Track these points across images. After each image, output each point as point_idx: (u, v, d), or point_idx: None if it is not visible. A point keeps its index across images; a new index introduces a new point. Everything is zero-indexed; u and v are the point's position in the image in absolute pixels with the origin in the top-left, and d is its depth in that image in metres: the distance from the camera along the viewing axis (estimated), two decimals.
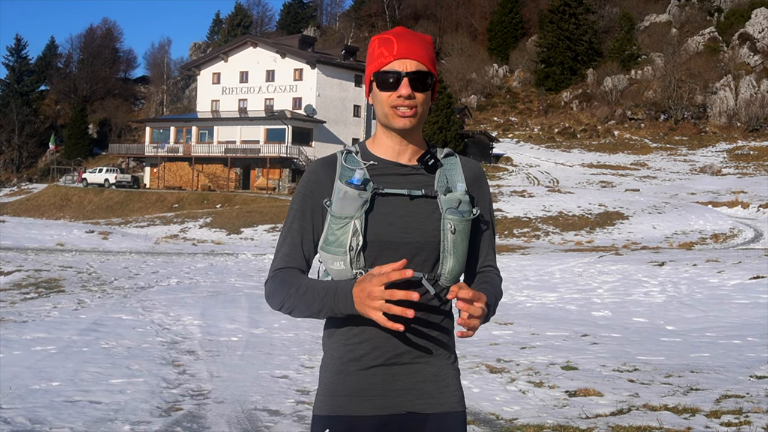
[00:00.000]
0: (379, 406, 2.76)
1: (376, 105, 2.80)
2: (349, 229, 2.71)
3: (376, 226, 2.71)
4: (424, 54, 2.77)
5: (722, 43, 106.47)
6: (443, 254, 2.76)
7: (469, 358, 11.29)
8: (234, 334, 13.17)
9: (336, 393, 2.78)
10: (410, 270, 2.49)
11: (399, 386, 2.77)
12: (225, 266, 26.12)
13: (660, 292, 19.24)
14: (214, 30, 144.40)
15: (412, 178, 2.81)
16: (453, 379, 2.86)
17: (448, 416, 2.81)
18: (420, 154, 2.87)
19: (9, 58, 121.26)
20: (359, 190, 2.72)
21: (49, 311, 14.97)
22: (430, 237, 2.75)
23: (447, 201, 2.77)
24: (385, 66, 2.75)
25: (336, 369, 2.80)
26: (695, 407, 8.14)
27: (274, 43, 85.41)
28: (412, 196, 2.77)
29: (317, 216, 2.80)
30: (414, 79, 2.73)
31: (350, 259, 2.71)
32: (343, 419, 2.76)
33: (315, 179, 2.83)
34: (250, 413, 8.03)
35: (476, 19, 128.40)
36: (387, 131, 2.83)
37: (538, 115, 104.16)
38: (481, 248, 2.94)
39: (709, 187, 62.51)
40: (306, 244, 2.82)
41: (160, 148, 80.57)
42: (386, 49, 2.77)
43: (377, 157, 2.84)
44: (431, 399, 2.80)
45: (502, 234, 42.35)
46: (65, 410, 7.85)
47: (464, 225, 2.78)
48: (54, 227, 36.74)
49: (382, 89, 2.76)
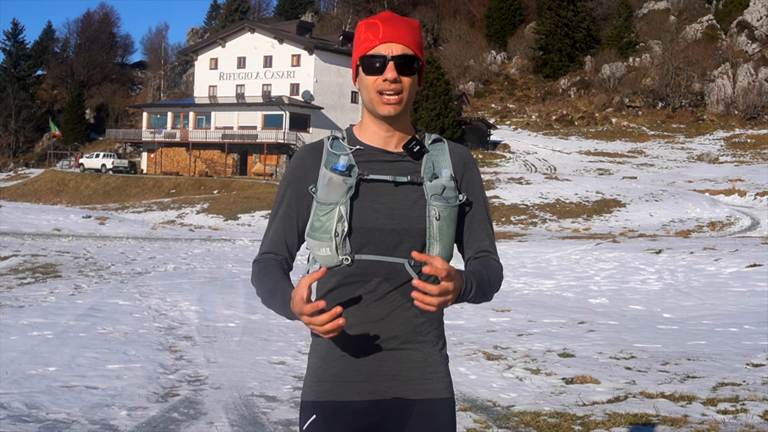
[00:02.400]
0: (364, 391, 2.76)
1: (363, 90, 2.79)
2: (334, 216, 2.71)
3: (362, 213, 2.71)
4: (410, 38, 2.74)
5: (720, 31, 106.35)
6: (429, 241, 2.75)
7: (466, 345, 11.30)
8: (231, 319, 13.18)
9: (322, 378, 2.78)
10: (322, 302, 2.52)
11: (385, 372, 2.77)
12: (222, 252, 26.11)
13: (657, 280, 19.25)
14: (212, 15, 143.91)
15: (398, 164, 2.80)
16: (440, 365, 2.84)
17: (435, 402, 2.80)
18: (406, 140, 2.85)
19: (6, 43, 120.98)
20: (344, 176, 2.72)
21: (45, 296, 14.95)
22: (416, 224, 2.74)
23: (432, 187, 2.76)
24: (371, 50, 2.73)
25: (323, 354, 2.80)
26: (692, 395, 8.15)
27: (271, 29, 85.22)
28: (397, 183, 2.76)
29: (303, 202, 2.80)
30: (400, 63, 2.71)
31: (336, 245, 2.71)
32: (329, 404, 2.76)
33: (302, 165, 2.83)
34: (247, 399, 8.03)
35: (474, 6, 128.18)
36: (373, 117, 2.81)
37: (536, 102, 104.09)
38: (473, 234, 2.91)
39: (706, 175, 62.53)
40: (290, 229, 2.84)
41: (157, 133, 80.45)
42: (372, 33, 2.75)
43: (364, 143, 2.83)
44: (417, 385, 2.79)
45: (499, 221, 42.35)
46: (62, 395, 7.84)
47: (449, 211, 2.76)
48: (51, 212, 36.72)
49: (368, 73, 2.74)
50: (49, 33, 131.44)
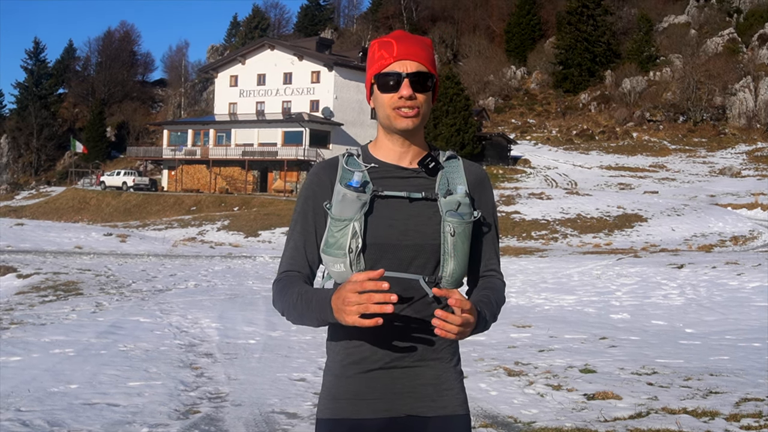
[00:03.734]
0: (379, 409, 2.76)
1: (378, 108, 2.81)
2: (348, 232, 2.71)
3: (376, 229, 2.72)
4: (424, 55, 2.77)
5: (741, 44, 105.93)
6: (444, 257, 2.75)
7: (487, 361, 11.26)
8: (252, 336, 13.19)
9: (337, 396, 2.79)
10: (386, 283, 2.47)
11: (399, 389, 2.77)
12: (242, 269, 26.16)
13: (679, 295, 19.14)
14: (232, 33, 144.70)
15: (413, 180, 2.81)
16: (455, 382, 2.85)
17: (450, 419, 2.81)
18: (421, 157, 2.86)
19: (27, 62, 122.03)
20: (358, 193, 2.73)
21: (67, 314, 15.02)
22: (430, 239, 2.75)
23: (447, 203, 2.77)
24: (386, 68, 2.76)
25: (337, 372, 2.81)
26: (715, 410, 8.09)
27: (291, 46, 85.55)
28: (411, 199, 2.77)
29: (319, 218, 2.81)
30: (415, 80, 2.74)
31: (350, 261, 2.71)
32: (344, 422, 2.76)
33: (317, 181, 2.84)
34: (268, 416, 8.03)
35: (494, 21, 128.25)
36: (388, 134, 2.84)
37: (556, 117, 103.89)
38: (483, 252, 2.94)
39: (728, 189, 62.19)
40: (309, 246, 2.84)
41: (177, 150, 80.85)
42: (386, 51, 2.78)
43: (378, 160, 2.85)
44: (432, 402, 2.79)
45: (520, 236, 42.26)
46: (83, 413, 7.86)
47: (464, 227, 2.77)
48: (72, 230, 36.89)
49: (383, 91, 2.77)
50: (71, 51, 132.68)
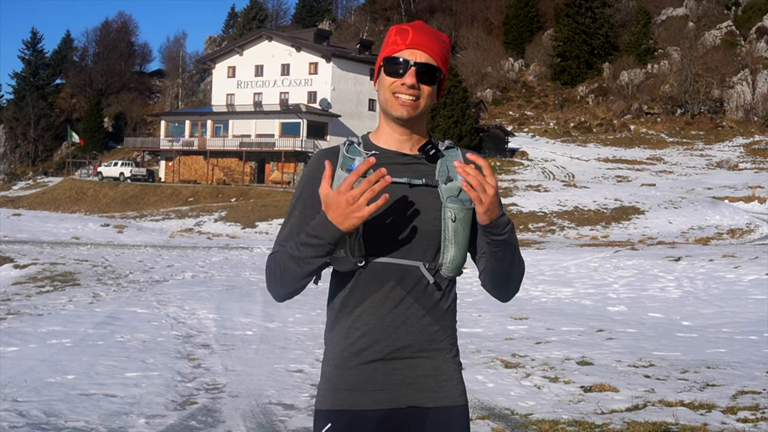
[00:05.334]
0: (379, 401, 2.75)
1: (380, 90, 2.82)
2: None
3: (376, 214, 2.70)
4: (437, 49, 2.77)
5: (739, 37, 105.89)
6: (444, 243, 2.74)
7: (484, 353, 11.27)
8: (249, 327, 13.19)
9: (337, 387, 2.77)
10: (384, 168, 2.51)
11: (399, 380, 2.77)
12: (240, 260, 26.15)
13: (676, 288, 19.15)
14: (230, 24, 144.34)
15: (413, 167, 2.81)
16: (454, 372, 2.85)
17: (449, 410, 2.80)
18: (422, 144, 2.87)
19: (25, 52, 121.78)
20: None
21: (64, 304, 15.01)
22: (431, 226, 2.74)
23: (447, 189, 2.76)
24: (396, 53, 2.77)
25: (337, 363, 2.79)
26: (711, 403, 8.10)
27: (289, 37, 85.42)
28: (411, 185, 2.77)
29: (318, 204, 2.77)
30: (422, 71, 2.74)
31: (350, 246, 2.69)
32: (344, 413, 2.75)
33: (317, 168, 2.82)
34: (265, 407, 8.03)
35: (492, 13, 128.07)
36: (389, 122, 2.84)
37: (554, 110, 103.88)
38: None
39: (725, 182, 62.24)
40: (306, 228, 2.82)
41: (175, 141, 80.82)
42: (401, 37, 2.78)
43: (379, 147, 2.84)
44: (432, 393, 2.79)
45: (517, 229, 42.23)
46: (80, 403, 7.86)
47: (465, 213, 2.75)
48: (69, 220, 36.89)
49: (388, 74, 2.77)
50: (68, 42, 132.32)
